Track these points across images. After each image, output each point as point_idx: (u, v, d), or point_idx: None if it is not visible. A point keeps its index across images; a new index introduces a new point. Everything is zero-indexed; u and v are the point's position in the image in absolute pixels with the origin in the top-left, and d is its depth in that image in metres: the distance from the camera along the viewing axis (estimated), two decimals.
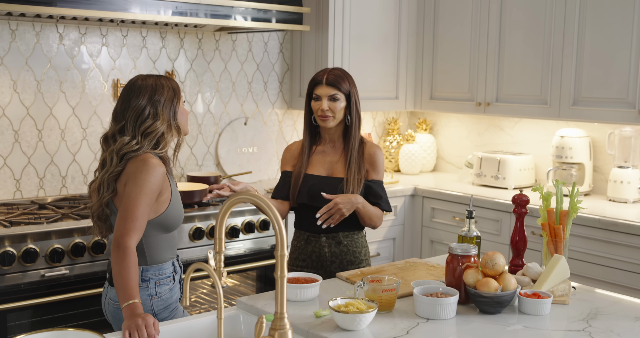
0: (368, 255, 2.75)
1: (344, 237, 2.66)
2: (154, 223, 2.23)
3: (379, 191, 2.68)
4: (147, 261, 2.26)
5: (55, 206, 3.29)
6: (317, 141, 2.74)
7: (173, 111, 2.27)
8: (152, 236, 2.25)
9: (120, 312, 2.26)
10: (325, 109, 2.61)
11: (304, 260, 2.69)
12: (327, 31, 4.07)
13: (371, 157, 2.68)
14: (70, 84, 3.54)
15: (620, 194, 3.67)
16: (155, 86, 2.26)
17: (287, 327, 1.54)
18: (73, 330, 1.73)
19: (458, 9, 4.23)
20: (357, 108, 2.67)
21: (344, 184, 2.61)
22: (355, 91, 2.66)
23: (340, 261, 2.66)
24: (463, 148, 4.67)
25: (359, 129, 2.68)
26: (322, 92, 2.63)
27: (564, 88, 3.73)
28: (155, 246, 2.26)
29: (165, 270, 2.30)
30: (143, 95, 2.24)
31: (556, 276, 2.14)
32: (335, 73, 2.65)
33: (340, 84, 2.62)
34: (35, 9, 2.89)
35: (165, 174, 2.23)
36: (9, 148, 3.40)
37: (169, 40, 3.84)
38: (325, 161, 2.70)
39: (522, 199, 2.32)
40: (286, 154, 2.79)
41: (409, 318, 1.98)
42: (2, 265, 2.74)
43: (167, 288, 2.29)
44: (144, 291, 2.25)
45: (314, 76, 2.68)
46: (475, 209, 2.42)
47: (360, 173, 2.64)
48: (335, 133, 2.70)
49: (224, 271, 1.64)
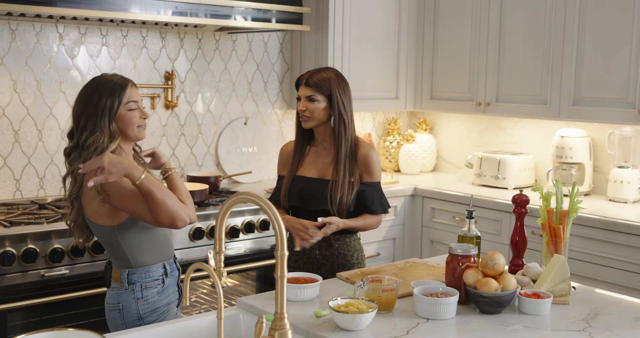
0: (362, 258, 2.72)
1: (335, 240, 2.64)
2: (127, 223, 2.21)
3: (373, 194, 2.63)
4: (131, 264, 2.25)
5: (55, 206, 3.29)
6: (311, 141, 2.71)
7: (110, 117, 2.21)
8: (131, 237, 2.23)
9: (112, 314, 2.28)
10: (302, 109, 2.58)
11: (295, 261, 2.67)
12: (327, 31, 4.07)
13: (364, 159, 2.63)
14: (70, 84, 3.54)
15: (620, 194, 3.67)
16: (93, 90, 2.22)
17: (287, 327, 1.54)
18: (73, 330, 1.73)
19: (458, 9, 4.23)
20: (342, 111, 2.58)
21: (331, 187, 2.57)
22: (341, 93, 2.59)
23: (331, 264, 2.63)
24: (463, 148, 4.67)
25: (346, 132, 2.60)
26: (302, 93, 2.60)
27: (564, 88, 3.73)
28: (137, 248, 2.25)
29: (153, 272, 2.28)
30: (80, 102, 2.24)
31: (556, 276, 2.14)
32: (318, 74, 2.59)
33: (319, 85, 2.57)
34: (35, 9, 2.89)
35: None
36: (9, 148, 3.40)
37: (169, 40, 3.84)
38: (318, 163, 2.66)
39: (522, 199, 2.32)
40: (281, 157, 2.75)
41: (409, 318, 1.98)
42: (2, 265, 2.74)
43: (155, 291, 2.28)
44: (129, 294, 2.25)
45: (299, 76, 2.65)
46: (475, 209, 2.41)
47: (353, 176, 2.59)
48: (325, 133, 2.65)
49: (224, 271, 1.64)
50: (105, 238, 2.25)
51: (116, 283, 2.28)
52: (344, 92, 2.60)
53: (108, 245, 2.27)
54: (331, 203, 2.56)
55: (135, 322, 2.25)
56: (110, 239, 2.24)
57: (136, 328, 1.96)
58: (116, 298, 2.27)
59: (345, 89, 2.62)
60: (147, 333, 1.93)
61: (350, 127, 2.62)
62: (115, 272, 2.28)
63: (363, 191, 2.62)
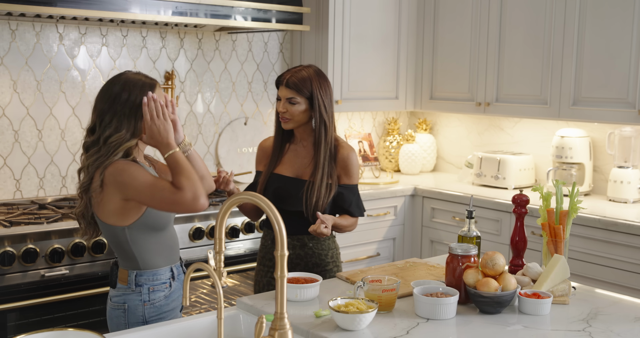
0: (337, 257, 2.68)
1: (309, 240, 2.60)
2: (138, 223, 2.20)
3: (351, 196, 2.60)
4: (140, 265, 2.23)
5: (55, 206, 3.29)
6: (290, 139, 2.65)
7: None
8: (140, 239, 2.21)
9: (115, 312, 2.25)
10: (282, 111, 2.54)
11: (270, 259, 2.64)
12: (327, 31, 4.07)
13: (344, 161, 2.58)
14: (70, 84, 3.54)
15: (620, 194, 3.67)
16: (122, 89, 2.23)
17: (287, 327, 1.54)
18: (73, 330, 1.73)
19: (458, 9, 4.23)
20: (322, 112, 2.53)
21: (307, 189, 2.52)
22: (322, 94, 2.53)
23: (306, 264, 2.59)
24: (463, 148, 4.67)
25: (327, 134, 2.55)
26: (282, 94, 2.55)
27: (564, 88, 3.73)
28: (147, 250, 2.23)
29: (161, 275, 2.26)
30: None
31: (556, 276, 2.14)
32: (299, 75, 2.53)
33: (300, 87, 2.51)
34: (35, 9, 2.89)
35: (142, 167, 2.19)
36: (9, 148, 3.40)
37: (169, 40, 3.84)
38: (296, 162, 2.61)
39: (522, 199, 2.32)
40: (259, 152, 2.71)
41: (409, 318, 1.98)
42: (2, 265, 2.74)
43: (162, 294, 2.26)
44: (136, 296, 2.23)
45: (280, 74, 2.60)
46: (475, 209, 2.41)
47: (331, 178, 2.55)
48: (305, 132, 2.60)
49: (224, 271, 1.64)
50: (114, 238, 2.23)
51: (123, 284, 2.25)
52: (325, 93, 2.55)
53: (116, 245, 2.25)
54: (306, 205, 2.51)
55: (139, 324, 2.23)
56: (119, 239, 2.22)
57: (136, 328, 1.96)
58: (122, 298, 2.25)
59: (327, 90, 2.56)
60: (147, 333, 1.93)
61: (331, 128, 2.58)
62: (122, 273, 2.25)
63: (341, 194, 2.58)
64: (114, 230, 2.20)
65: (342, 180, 2.60)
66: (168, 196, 2.11)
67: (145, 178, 2.13)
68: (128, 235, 2.20)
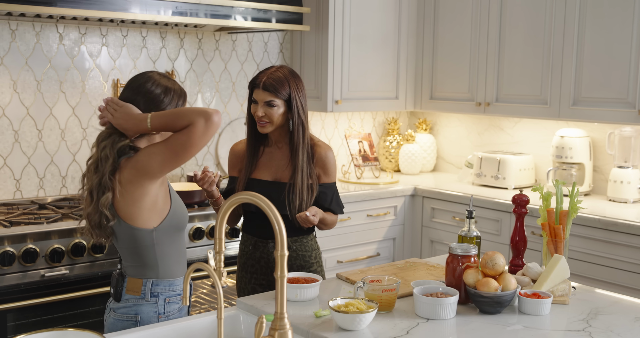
0: (319, 257, 2.65)
1: (293, 242, 2.57)
2: (164, 225, 2.14)
3: (330, 195, 2.58)
4: (159, 273, 2.16)
5: (55, 206, 3.29)
6: (264, 142, 2.60)
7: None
8: (166, 241, 2.15)
9: (123, 324, 2.15)
10: (260, 115, 2.46)
11: (252, 265, 2.58)
12: (327, 31, 4.07)
13: (322, 160, 2.55)
14: (70, 84, 3.54)
15: (620, 194, 3.67)
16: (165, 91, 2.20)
17: (287, 327, 1.54)
18: (73, 330, 1.73)
19: (458, 9, 4.23)
20: (300, 114, 2.49)
21: (289, 191, 2.49)
22: (299, 96, 2.49)
23: (290, 267, 2.55)
24: (463, 148, 4.67)
25: (304, 135, 2.51)
26: (259, 97, 2.47)
27: (564, 88, 3.73)
28: (168, 255, 2.17)
29: (176, 286, 2.19)
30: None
31: (556, 276, 2.14)
32: (275, 76, 2.46)
33: (278, 89, 2.44)
34: (35, 9, 2.89)
35: None
36: (9, 148, 3.40)
37: (169, 40, 3.84)
38: (272, 165, 2.56)
39: (522, 199, 2.32)
40: (231, 157, 2.66)
41: (409, 318, 1.98)
42: (2, 265, 2.74)
43: (177, 307, 2.19)
44: (151, 307, 2.15)
45: (254, 76, 2.53)
46: (475, 209, 2.41)
47: (311, 178, 2.52)
48: (280, 135, 2.55)
49: (224, 271, 1.64)
50: (134, 243, 2.13)
51: (133, 295, 2.14)
52: (301, 94, 2.51)
53: (135, 251, 2.14)
54: (290, 208, 2.48)
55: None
56: (143, 243, 2.12)
57: (136, 328, 1.96)
58: (133, 309, 2.14)
59: (303, 90, 2.53)
60: (147, 333, 1.93)
61: (308, 129, 2.55)
62: (135, 282, 2.14)
63: (321, 192, 2.56)
64: (140, 233, 2.11)
65: (322, 179, 2.57)
66: (185, 139, 2.04)
67: (156, 145, 2.09)
68: (155, 237, 2.13)
